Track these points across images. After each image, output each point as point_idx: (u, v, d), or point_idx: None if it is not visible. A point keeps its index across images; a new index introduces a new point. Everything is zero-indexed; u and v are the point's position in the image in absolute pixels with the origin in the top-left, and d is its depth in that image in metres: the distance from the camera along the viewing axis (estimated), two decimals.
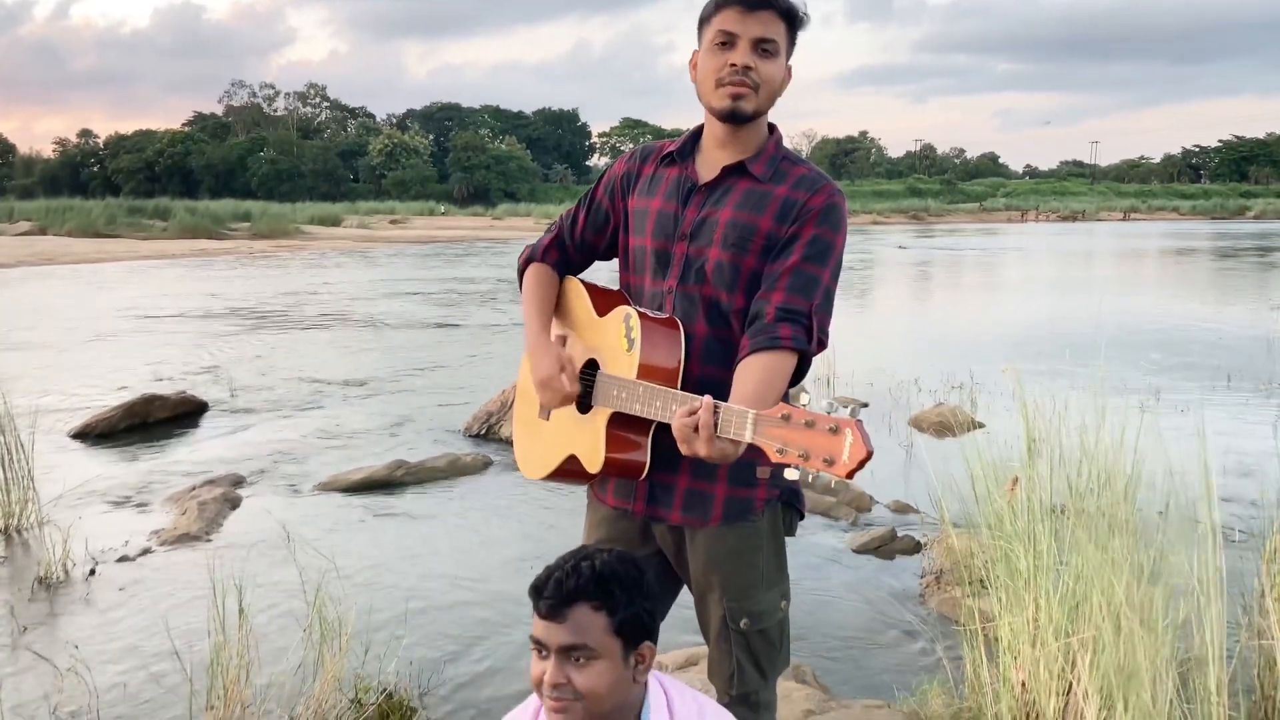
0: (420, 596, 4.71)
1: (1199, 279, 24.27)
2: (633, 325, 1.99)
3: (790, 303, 1.93)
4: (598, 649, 1.50)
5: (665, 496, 2.07)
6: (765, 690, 2.09)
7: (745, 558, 2.04)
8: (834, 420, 1.55)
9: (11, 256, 27.05)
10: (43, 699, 3.72)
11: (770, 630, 2.08)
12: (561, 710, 1.48)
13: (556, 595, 1.51)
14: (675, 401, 1.82)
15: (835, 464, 1.54)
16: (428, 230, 46.30)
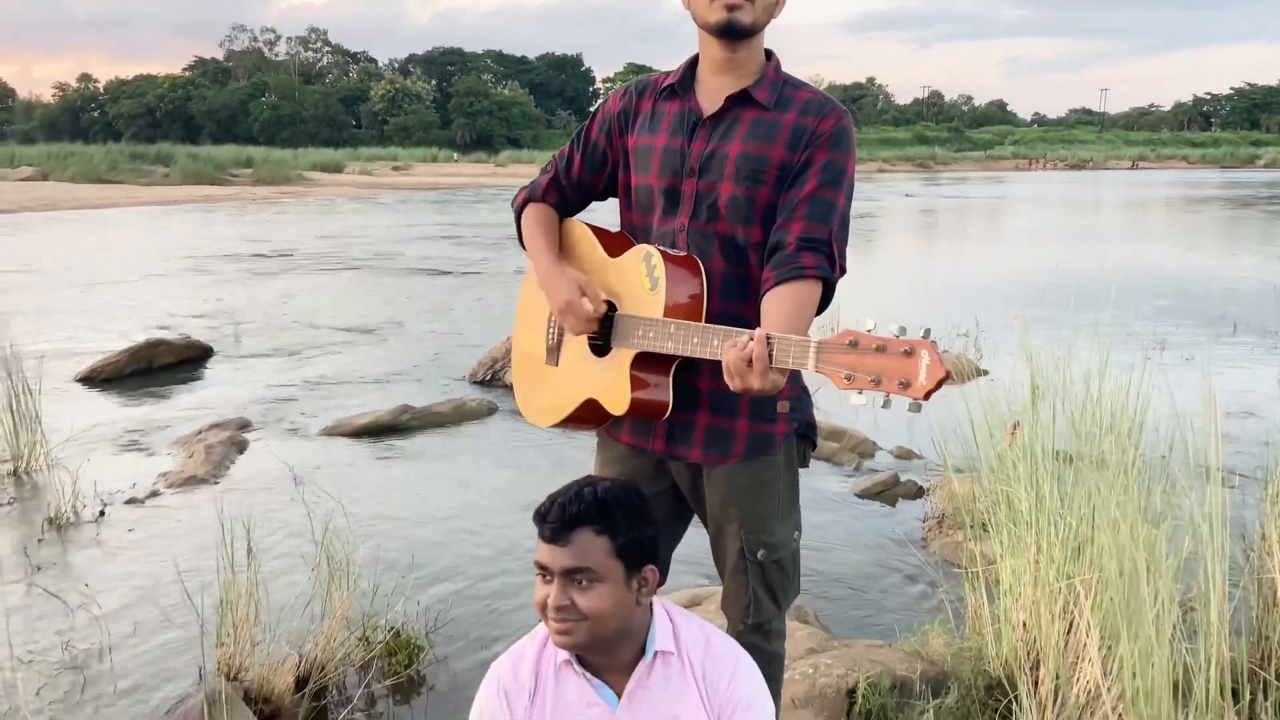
0: (427, 538, 4.75)
1: (1207, 228, 24.12)
2: (655, 264, 1.96)
3: (810, 231, 1.91)
4: (600, 571, 1.52)
5: (684, 435, 2.06)
6: (778, 619, 2.13)
7: (763, 491, 2.05)
8: (907, 343, 1.53)
9: (13, 202, 26.96)
10: (55, 635, 3.77)
11: (785, 561, 2.10)
12: (566, 632, 1.49)
13: (559, 520, 1.52)
14: (717, 336, 1.79)
15: (912, 386, 1.52)
16: (430, 177, 46.05)
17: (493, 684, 1.58)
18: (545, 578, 1.53)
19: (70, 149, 42.36)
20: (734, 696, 1.55)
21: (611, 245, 2.14)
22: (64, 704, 3.36)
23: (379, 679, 3.50)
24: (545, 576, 1.53)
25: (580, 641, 1.50)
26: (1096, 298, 4.05)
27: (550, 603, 1.50)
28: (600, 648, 1.52)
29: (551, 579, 1.52)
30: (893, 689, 2.90)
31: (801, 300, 1.86)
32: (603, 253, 2.13)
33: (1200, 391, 3.20)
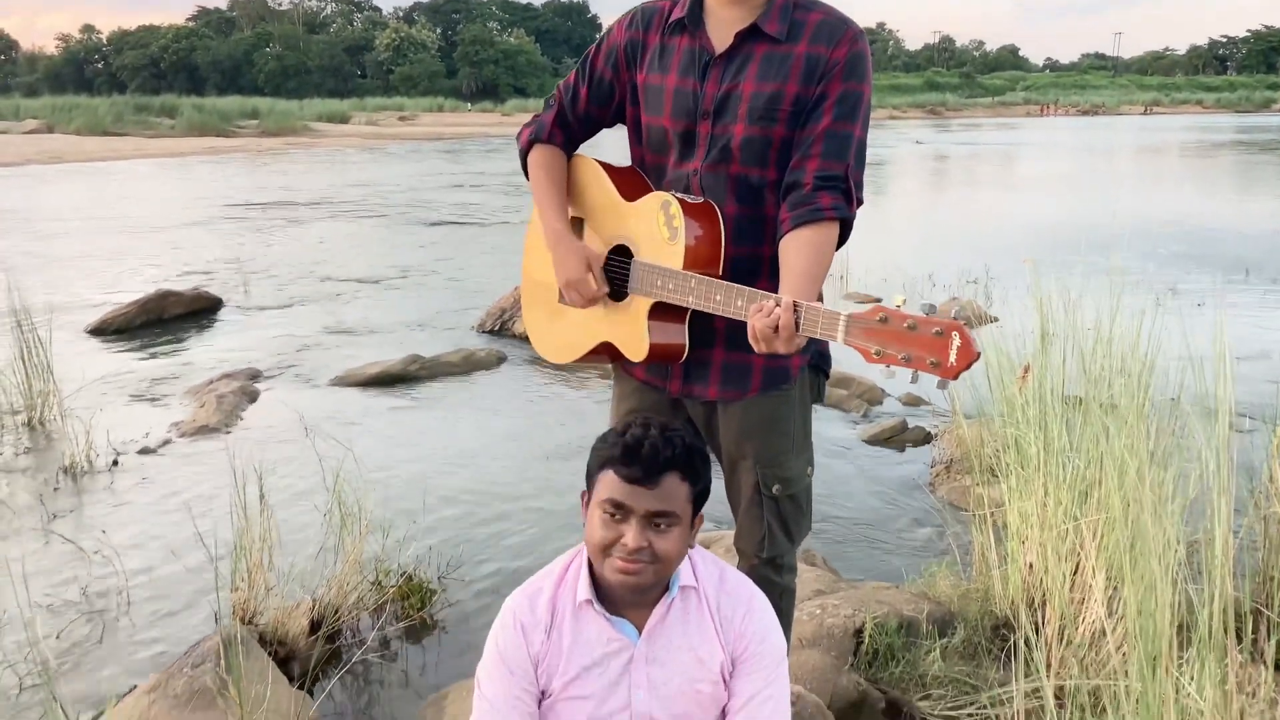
0: (437, 485, 4.78)
1: (1220, 174, 23.88)
2: (674, 214, 1.93)
3: (827, 168, 1.89)
4: (680, 516, 1.53)
5: (701, 372, 2.06)
6: (790, 554, 2.15)
7: (778, 425, 2.06)
8: (939, 323, 1.54)
9: (19, 155, 26.89)
10: (73, 581, 3.83)
11: (799, 495, 2.11)
12: (636, 573, 1.50)
13: (652, 462, 1.51)
14: (741, 297, 1.78)
15: (942, 366, 1.53)
16: (436, 127, 45.73)
17: (509, 617, 1.60)
18: (616, 517, 1.51)
19: (75, 101, 42.12)
20: (748, 631, 1.57)
21: (625, 186, 2.10)
22: (83, 647, 3.42)
23: (392, 622, 3.54)
24: (617, 516, 1.51)
25: (646, 583, 1.51)
26: (1107, 244, 4.02)
27: (629, 543, 1.49)
28: (649, 590, 1.54)
29: (623, 519, 1.51)
30: (899, 629, 2.93)
31: (820, 245, 1.86)
32: (616, 195, 2.09)
33: (1210, 335, 3.20)
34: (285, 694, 2.93)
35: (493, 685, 1.56)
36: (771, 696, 1.56)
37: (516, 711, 1.55)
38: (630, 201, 2.06)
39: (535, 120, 2.24)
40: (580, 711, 1.57)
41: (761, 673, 1.56)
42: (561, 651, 1.57)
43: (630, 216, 2.06)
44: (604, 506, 1.53)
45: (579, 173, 2.21)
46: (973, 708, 2.73)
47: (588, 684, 1.57)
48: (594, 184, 2.17)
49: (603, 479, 1.54)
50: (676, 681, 1.56)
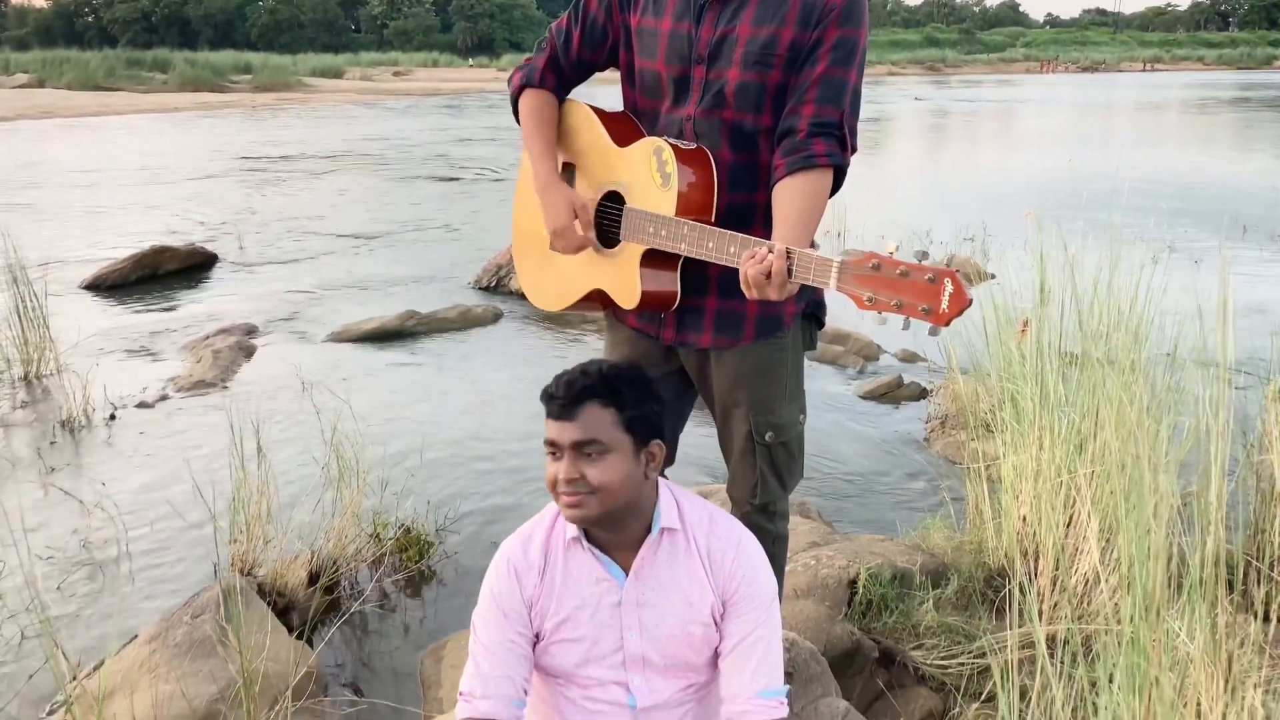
0: (435, 439, 4.80)
1: (1219, 132, 23.75)
2: (666, 159, 1.92)
3: (821, 115, 1.88)
4: (609, 443, 1.54)
5: (694, 320, 2.06)
6: (782, 500, 2.16)
7: (772, 373, 2.06)
8: (931, 270, 1.54)
9: (10, 109, 26.63)
10: (72, 534, 3.85)
11: (791, 443, 2.12)
12: (577, 505, 1.52)
13: (567, 394, 1.54)
14: (733, 243, 1.78)
15: (934, 313, 1.54)
16: (431, 82, 45.30)
17: (503, 562, 1.61)
18: (555, 455, 1.55)
19: (66, 55, 41.57)
20: (737, 573, 1.59)
21: (617, 132, 2.09)
22: (83, 598, 3.45)
23: (390, 574, 3.57)
24: (555, 454, 1.55)
25: (591, 515, 1.52)
26: (1105, 201, 4.00)
27: (561, 476, 1.52)
28: (609, 522, 1.55)
29: (561, 455, 1.54)
30: (893, 580, 2.96)
31: (813, 192, 1.85)
32: (608, 140, 2.08)
33: (1206, 291, 3.20)
34: (285, 643, 2.96)
35: (488, 629, 1.58)
36: (762, 638, 1.58)
37: (512, 654, 1.56)
38: (622, 147, 2.04)
39: (527, 64, 2.21)
40: (574, 653, 1.59)
41: (752, 614, 1.58)
42: (554, 593, 1.59)
43: (622, 162, 2.04)
44: (545, 448, 1.58)
45: (570, 117, 2.18)
46: (965, 657, 2.76)
47: (579, 625, 1.58)
48: (585, 129, 2.15)
49: (546, 421, 1.59)
50: (668, 624, 1.58)
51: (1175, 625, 1.63)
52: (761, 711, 1.53)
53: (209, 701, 2.64)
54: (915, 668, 2.76)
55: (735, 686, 1.56)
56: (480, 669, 1.56)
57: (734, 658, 1.57)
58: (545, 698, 1.65)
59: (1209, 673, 1.62)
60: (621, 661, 1.59)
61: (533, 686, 1.64)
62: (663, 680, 1.60)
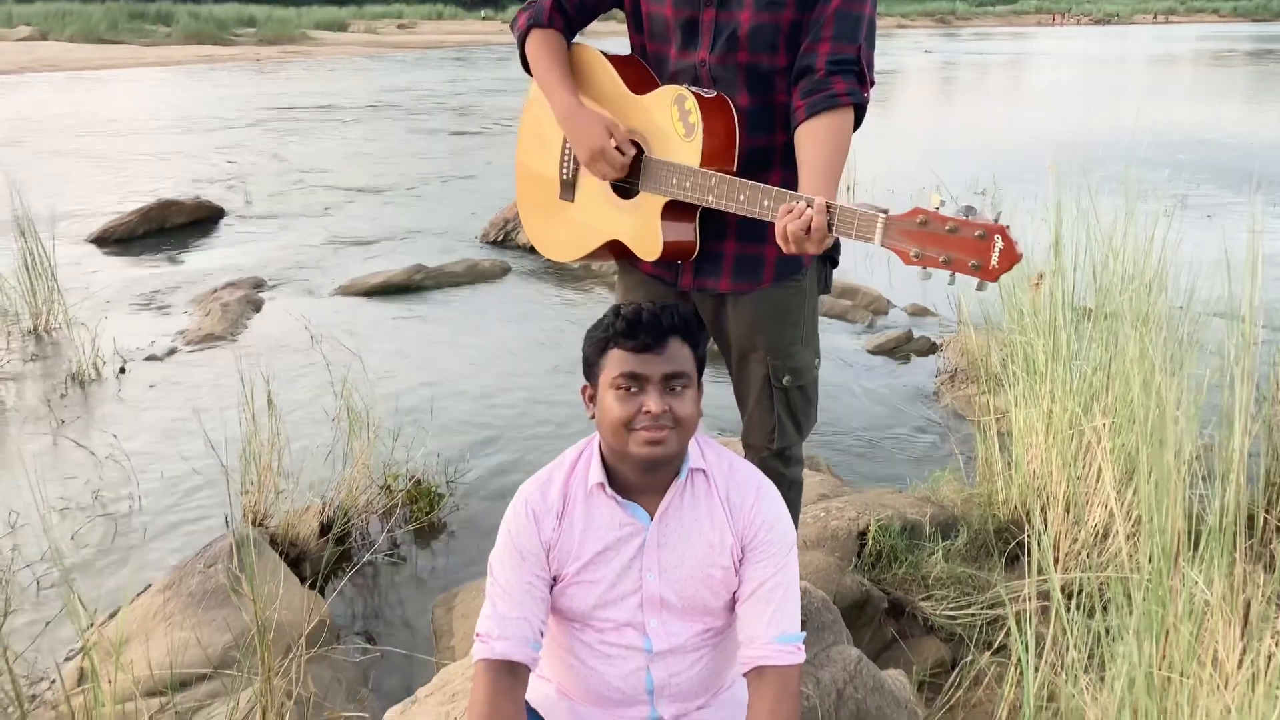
0: (444, 392, 4.80)
1: (1234, 85, 23.45)
2: (690, 109, 1.88)
3: (839, 51, 1.85)
4: (691, 378, 1.55)
5: (712, 265, 2.04)
6: (798, 446, 2.16)
7: (788, 316, 2.05)
8: (981, 225, 1.52)
9: (14, 63, 26.43)
10: (84, 485, 3.87)
11: (808, 386, 2.12)
12: (661, 441, 1.51)
13: (655, 329, 1.53)
14: (767, 197, 1.75)
15: (984, 269, 1.53)
16: (437, 35, 44.85)
17: (521, 504, 1.61)
18: (631, 390, 1.53)
19: (68, 8, 41.13)
20: (757, 519, 1.59)
21: (632, 78, 2.04)
22: (97, 549, 3.47)
23: (401, 525, 3.59)
24: (633, 389, 1.53)
25: (670, 451, 1.52)
26: (1118, 155, 3.96)
27: (652, 408, 1.51)
28: (671, 461, 1.56)
29: (639, 389, 1.53)
30: (903, 531, 2.96)
31: (837, 133, 1.83)
32: (623, 86, 2.03)
33: (1221, 245, 3.17)
34: (297, 593, 2.98)
35: (505, 571, 1.58)
36: (781, 583, 1.58)
37: (529, 596, 1.57)
38: (638, 94, 2.00)
39: (531, 4, 2.15)
40: (590, 594, 1.59)
41: (771, 559, 1.58)
42: (574, 537, 1.59)
43: (639, 110, 2.00)
44: (617, 383, 1.54)
45: (580, 61, 2.13)
46: (975, 608, 2.77)
47: (599, 569, 1.58)
48: (598, 74, 2.09)
49: (609, 359, 1.56)
50: (688, 565, 1.58)
51: (1193, 573, 1.63)
52: (779, 656, 1.54)
53: (223, 649, 2.67)
54: (925, 618, 2.77)
55: (753, 631, 1.56)
56: (497, 610, 1.56)
57: (752, 603, 1.57)
58: (561, 641, 1.65)
59: (1227, 619, 1.62)
60: (639, 604, 1.59)
61: (548, 631, 1.64)
62: (680, 623, 1.60)
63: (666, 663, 1.61)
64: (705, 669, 1.65)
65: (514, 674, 1.54)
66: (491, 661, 1.53)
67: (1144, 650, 1.53)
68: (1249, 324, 2.41)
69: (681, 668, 1.62)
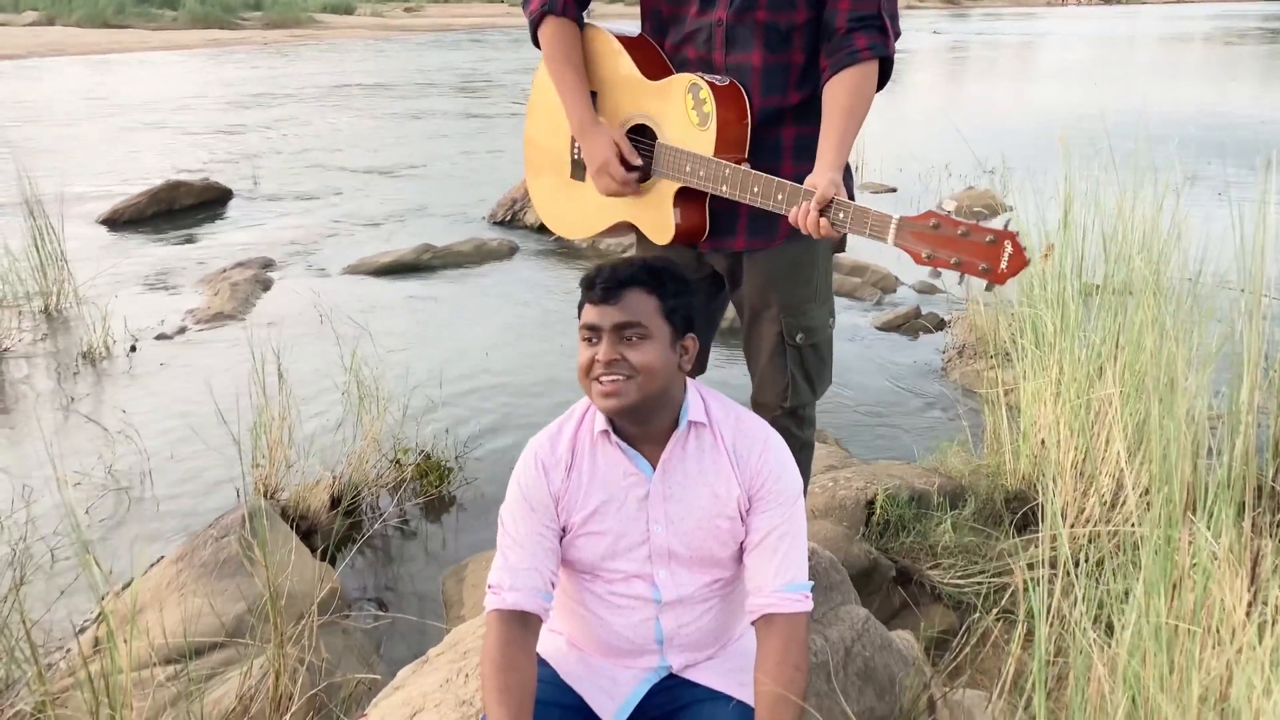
0: (452, 369, 4.81)
1: (1246, 64, 23.29)
2: (704, 98, 1.91)
3: (859, 7, 1.89)
4: (650, 328, 1.56)
5: (728, 224, 2.05)
6: (811, 406, 2.18)
7: (801, 274, 2.07)
8: (993, 231, 1.59)
9: (21, 47, 26.45)
10: (97, 460, 3.89)
11: (821, 345, 2.13)
12: (615, 392, 1.53)
13: (611, 280, 1.55)
14: (781, 191, 1.79)
15: (992, 272, 1.59)
16: (444, 18, 44.73)
17: (531, 457, 1.63)
18: (592, 340, 1.56)
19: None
20: (764, 470, 1.60)
21: (644, 62, 2.05)
22: (111, 521, 3.50)
23: (410, 498, 3.61)
24: (592, 339, 1.56)
25: (628, 401, 1.53)
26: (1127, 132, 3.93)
27: (600, 357, 1.53)
28: (641, 412, 1.56)
29: (598, 341, 1.55)
30: (910, 501, 2.97)
31: (860, 84, 1.87)
32: (636, 71, 2.04)
33: (1230, 219, 3.16)
34: (308, 563, 3.00)
35: (515, 523, 1.60)
36: (788, 533, 1.59)
37: (540, 547, 1.58)
38: (651, 79, 2.02)
39: None
40: (599, 545, 1.61)
41: (778, 509, 1.59)
42: (581, 487, 1.60)
43: (652, 96, 2.02)
44: (581, 334, 1.58)
45: (592, 44, 2.15)
46: (983, 576, 2.78)
47: (606, 519, 1.60)
48: (610, 58, 2.11)
49: (581, 314, 1.59)
50: (695, 516, 1.60)
51: (1201, 526, 1.64)
52: (787, 604, 1.55)
53: (236, 617, 2.69)
54: (932, 586, 2.79)
55: (761, 580, 1.58)
56: (509, 561, 1.58)
57: (759, 552, 1.59)
58: (571, 593, 1.67)
59: (1234, 570, 1.63)
60: (647, 555, 1.60)
61: (559, 583, 1.66)
62: (688, 574, 1.62)
63: (675, 612, 1.63)
64: (714, 619, 1.66)
65: (526, 624, 1.55)
66: (503, 612, 1.55)
67: (1153, 602, 1.54)
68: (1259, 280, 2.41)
69: (690, 618, 1.64)
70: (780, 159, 2.01)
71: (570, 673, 1.66)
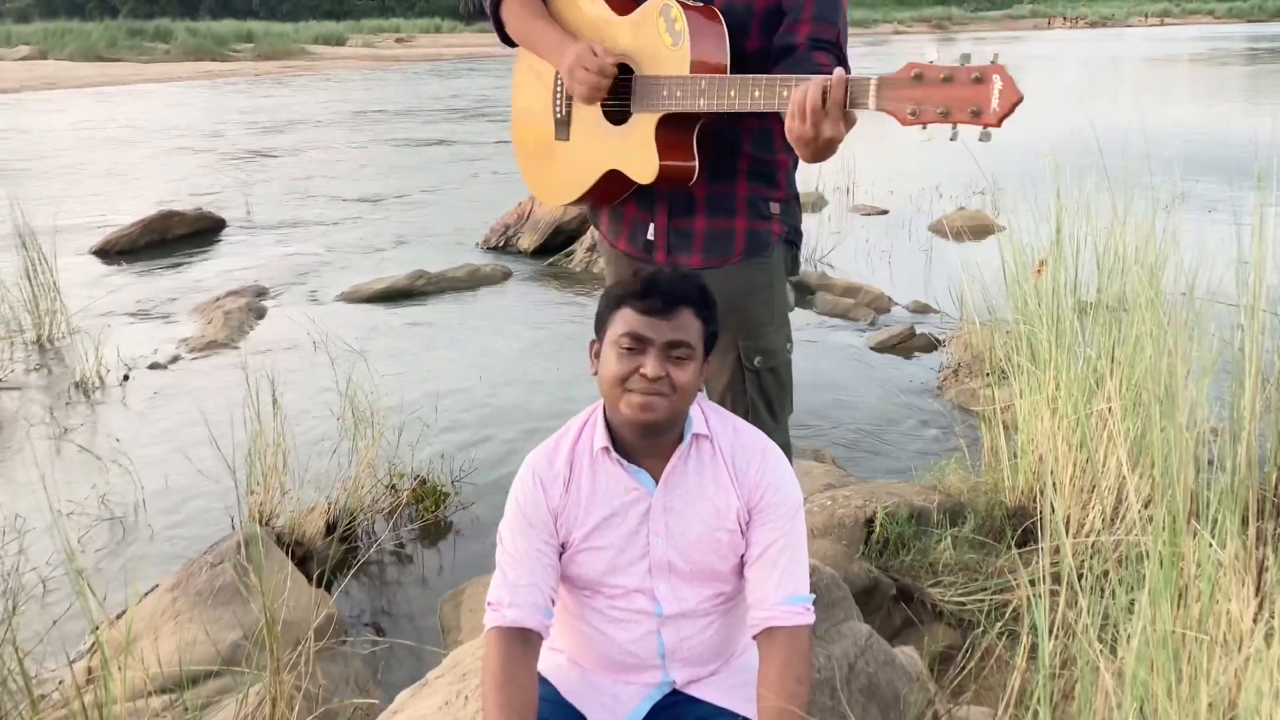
0: (447, 394, 4.79)
1: (1230, 84, 23.48)
2: (675, 16, 1.84)
3: (819, 33, 1.86)
4: (694, 350, 1.54)
5: (683, 242, 2.04)
6: (778, 433, 2.10)
7: (759, 295, 2.04)
8: (977, 69, 1.48)
9: (14, 80, 26.52)
10: (90, 489, 3.86)
11: (780, 369, 2.09)
12: (651, 407, 1.51)
13: (670, 294, 1.52)
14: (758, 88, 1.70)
15: (984, 113, 1.49)
16: (435, 48, 45.00)
17: (528, 473, 1.61)
18: (635, 350, 1.52)
19: (67, 26, 41.34)
20: (763, 481, 1.59)
21: (616, 2, 2.00)
22: (105, 550, 3.47)
23: (406, 524, 3.59)
24: (636, 349, 1.52)
25: (662, 417, 1.52)
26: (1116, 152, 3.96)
27: (649, 371, 1.50)
28: (664, 429, 1.55)
29: (641, 350, 1.52)
30: (910, 518, 2.96)
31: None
32: (607, 10, 1.99)
33: (1221, 236, 3.18)
34: (304, 590, 2.97)
35: (514, 539, 1.58)
36: (788, 545, 1.58)
37: (539, 563, 1.57)
38: (623, 15, 1.97)
39: None
40: (599, 560, 1.59)
41: (778, 521, 1.58)
42: (580, 504, 1.59)
43: (625, 30, 1.96)
44: (620, 341, 1.54)
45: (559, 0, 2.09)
46: (984, 594, 2.77)
47: (607, 534, 1.59)
48: (581, 6, 2.04)
49: (618, 317, 1.55)
50: (695, 530, 1.58)
51: (1205, 533, 1.63)
52: (788, 617, 1.53)
53: (232, 645, 2.66)
54: (933, 604, 2.77)
55: (761, 593, 1.56)
56: (508, 578, 1.56)
57: (760, 565, 1.57)
58: (572, 609, 1.65)
59: (1240, 578, 1.62)
60: (648, 569, 1.59)
61: (559, 600, 1.64)
62: (689, 588, 1.60)
63: (677, 626, 1.61)
64: (716, 634, 1.65)
65: (526, 641, 1.54)
66: (504, 629, 1.53)
67: (1159, 611, 1.53)
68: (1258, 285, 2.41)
69: (692, 632, 1.62)
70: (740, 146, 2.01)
71: (571, 690, 1.64)
